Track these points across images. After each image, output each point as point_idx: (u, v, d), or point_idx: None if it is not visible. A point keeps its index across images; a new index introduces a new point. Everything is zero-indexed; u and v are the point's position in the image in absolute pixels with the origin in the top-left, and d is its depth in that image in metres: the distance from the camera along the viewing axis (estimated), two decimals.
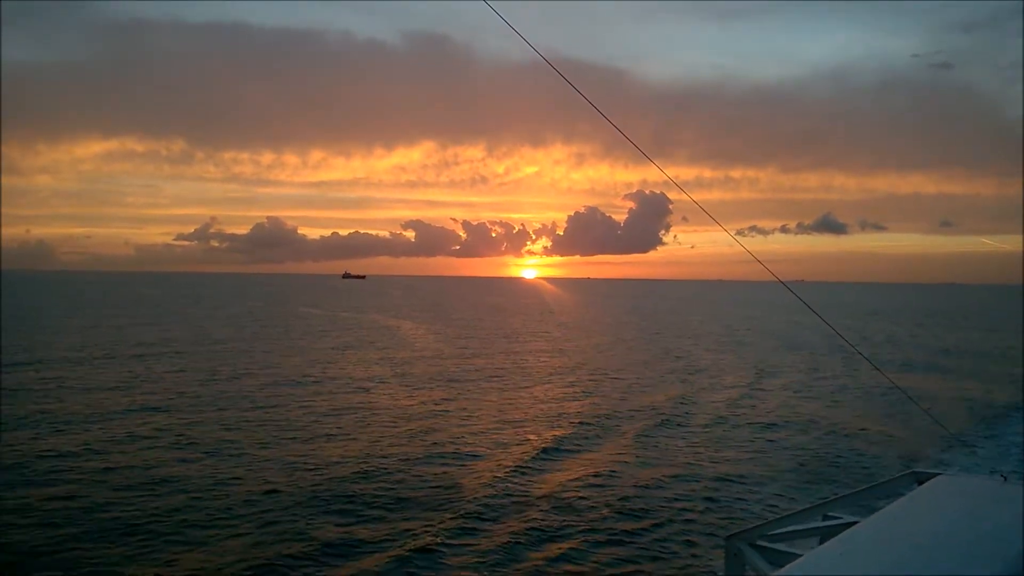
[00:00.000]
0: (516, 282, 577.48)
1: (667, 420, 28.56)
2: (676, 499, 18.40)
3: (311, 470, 20.48)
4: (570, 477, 20.19)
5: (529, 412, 30.11)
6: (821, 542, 6.14)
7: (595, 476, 20.27)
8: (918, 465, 14.83)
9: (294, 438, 24.46)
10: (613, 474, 20.57)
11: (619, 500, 18.21)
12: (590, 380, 39.79)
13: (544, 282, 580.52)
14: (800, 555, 5.44)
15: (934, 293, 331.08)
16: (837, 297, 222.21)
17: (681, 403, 32.42)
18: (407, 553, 14.49)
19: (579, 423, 27.45)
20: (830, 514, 7.06)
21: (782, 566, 5.28)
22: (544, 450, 23.14)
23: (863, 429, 27.69)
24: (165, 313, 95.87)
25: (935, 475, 7.29)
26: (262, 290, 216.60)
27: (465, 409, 30.40)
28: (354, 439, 24.47)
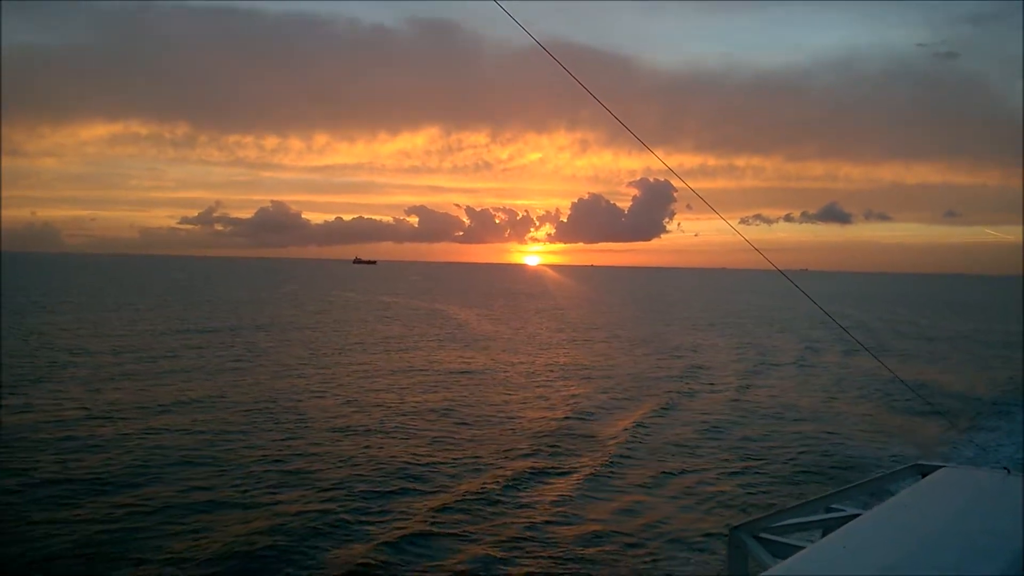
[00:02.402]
0: (521, 269, 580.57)
1: (672, 405, 29.97)
2: (679, 489, 19.05)
3: (465, 416, 26.45)
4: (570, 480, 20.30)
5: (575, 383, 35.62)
6: (824, 535, 6.11)
7: (599, 471, 20.81)
8: (921, 457, 15.43)
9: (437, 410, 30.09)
10: (615, 466, 21.27)
11: (620, 492, 18.93)
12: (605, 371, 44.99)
13: (547, 269, 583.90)
14: (803, 547, 5.50)
15: (939, 283, 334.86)
16: (841, 286, 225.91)
17: (686, 393, 33.17)
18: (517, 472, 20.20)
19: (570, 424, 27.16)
20: (833, 506, 7.11)
21: (785, 558, 5.31)
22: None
23: (866, 421, 28.08)
24: (216, 297, 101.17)
25: (939, 467, 7.29)
26: (282, 275, 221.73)
27: (561, 377, 36.42)
28: (466, 396, 30.55)
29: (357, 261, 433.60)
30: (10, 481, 18.16)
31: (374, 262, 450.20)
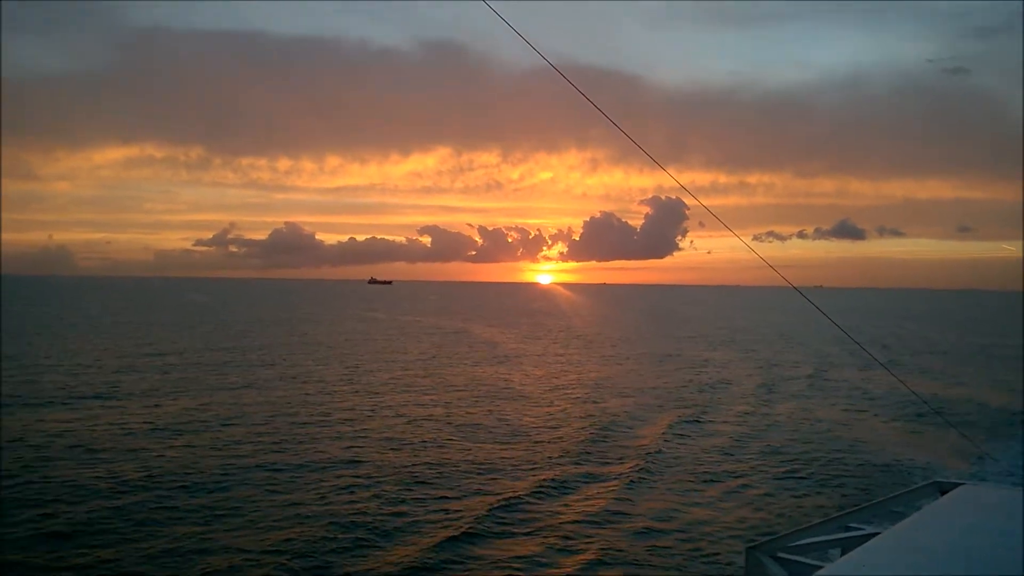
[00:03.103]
0: (533, 288, 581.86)
1: (703, 417, 31.08)
2: (695, 507, 19.21)
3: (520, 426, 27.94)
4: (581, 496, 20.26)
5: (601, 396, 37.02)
6: (842, 554, 6.10)
7: (643, 476, 21.62)
8: (941, 473, 15.80)
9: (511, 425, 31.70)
10: (657, 472, 22.04)
11: (664, 494, 19.95)
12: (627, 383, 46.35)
13: (560, 288, 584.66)
14: (820, 567, 5.45)
15: (953, 299, 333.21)
16: (855, 302, 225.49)
17: (714, 406, 34.05)
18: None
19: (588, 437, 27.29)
20: (851, 525, 7.07)
21: None
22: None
23: (887, 434, 28.46)
24: (239, 318, 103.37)
25: (958, 485, 7.22)
26: (299, 295, 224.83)
27: (596, 391, 37.83)
28: (510, 410, 32.12)
29: (372, 281, 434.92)
30: (102, 484, 19.85)
31: (390, 282, 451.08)
